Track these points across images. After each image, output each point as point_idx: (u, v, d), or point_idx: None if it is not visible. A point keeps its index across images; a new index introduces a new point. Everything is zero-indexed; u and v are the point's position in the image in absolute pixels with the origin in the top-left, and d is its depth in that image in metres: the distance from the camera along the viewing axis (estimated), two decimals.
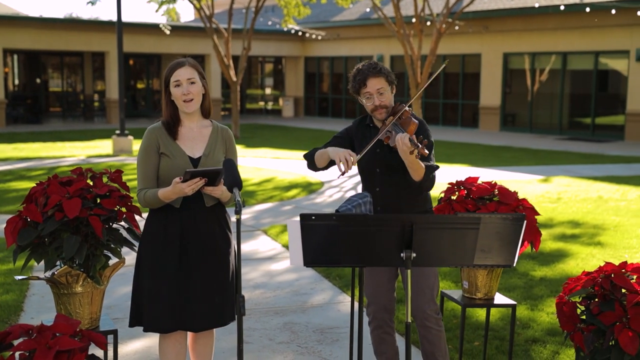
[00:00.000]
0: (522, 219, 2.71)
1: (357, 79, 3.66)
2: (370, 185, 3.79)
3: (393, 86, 3.72)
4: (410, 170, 3.46)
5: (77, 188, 3.52)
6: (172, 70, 3.44)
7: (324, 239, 2.83)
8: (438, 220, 2.77)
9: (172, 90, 3.43)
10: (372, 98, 3.64)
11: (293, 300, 5.81)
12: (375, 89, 3.62)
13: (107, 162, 14.79)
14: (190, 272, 3.41)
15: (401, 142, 3.30)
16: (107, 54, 25.51)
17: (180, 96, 3.41)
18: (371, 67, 3.64)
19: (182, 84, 3.41)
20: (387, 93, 3.66)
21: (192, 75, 3.43)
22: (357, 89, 3.69)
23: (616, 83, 21.15)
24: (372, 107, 3.67)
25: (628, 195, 10.93)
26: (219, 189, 3.34)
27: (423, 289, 3.66)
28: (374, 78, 3.62)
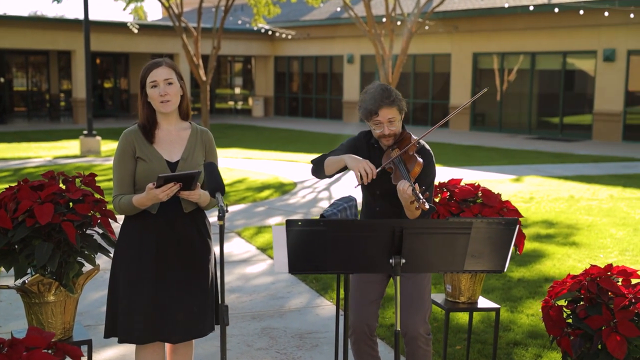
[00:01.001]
0: (514, 223, 2.64)
1: (369, 107, 3.56)
2: (370, 203, 3.72)
3: (403, 113, 3.63)
4: (406, 211, 3.40)
5: (49, 193, 3.37)
6: (149, 71, 3.31)
7: (311, 245, 2.73)
8: (428, 225, 2.69)
9: (149, 91, 3.30)
10: (382, 126, 3.55)
11: (270, 305, 5.70)
12: (386, 119, 3.54)
13: (75, 163, 14.52)
14: (168, 281, 3.28)
15: (402, 191, 3.24)
16: (73, 53, 25.10)
17: (157, 97, 3.28)
18: (385, 96, 3.54)
19: (159, 84, 3.28)
20: (397, 122, 3.58)
21: (170, 76, 3.31)
22: (367, 116, 3.59)
23: (584, 83, 21.37)
24: (380, 135, 3.58)
25: (599, 195, 11.01)
26: (196, 193, 3.22)
27: (418, 308, 3.55)
28: (387, 108, 3.53)
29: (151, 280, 3.25)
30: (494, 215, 3.91)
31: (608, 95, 20.09)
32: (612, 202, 10.37)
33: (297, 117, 29.34)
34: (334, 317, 5.39)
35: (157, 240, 3.26)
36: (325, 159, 3.71)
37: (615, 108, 19.97)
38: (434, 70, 24.48)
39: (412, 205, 3.26)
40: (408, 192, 3.22)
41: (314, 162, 3.81)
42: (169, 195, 3.11)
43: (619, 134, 19.98)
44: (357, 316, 3.61)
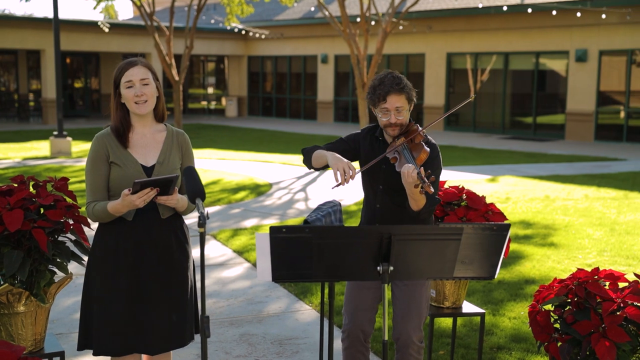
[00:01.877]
0: (506, 229, 2.56)
1: (377, 92, 3.42)
2: (371, 200, 3.58)
3: (412, 104, 3.50)
4: (410, 200, 3.27)
5: (19, 198, 3.22)
6: (123, 70, 3.17)
7: (295, 253, 2.63)
8: (418, 232, 2.60)
9: (124, 91, 3.15)
10: (389, 115, 3.42)
11: (248, 310, 5.58)
12: (394, 106, 3.40)
13: (45, 165, 14.24)
14: (145, 290, 3.14)
15: (407, 174, 3.11)
16: (42, 52, 24.70)
17: (132, 98, 3.14)
18: (394, 82, 3.41)
19: (135, 84, 3.14)
20: (405, 111, 3.44)
21: (146, 76, 3.17)
22: (374, 102, 3.46)
23: (556, 83, 21.51)
24: (387, 123, 3.45)
25: (574, 195, 11.04)
26: (174, 197, 3.09)
27: (412, 314, 3.45)
28: (396, 95, 3.40)
29: (128, 289, 3.11)
30: (479, 219, 3.84)
31: (580, 95, 20.23)
32: (587, 202, 10.40)
33: (270, 117, 29.19)
34: (313, 322, 5.29)
35: (134, 247, 3.12)
36: (315, 150, 3.56)
37: (588, 108, 20.12)
38: (408, 70, 24.48)
39: (417, 190, 3.14)
40: (413, 174, 3.11)
41: (303, 152, 3.68)
42: (145, 201, 2.98)
43: (591, 134, 20.14)
44: (352, 321, 3.50)
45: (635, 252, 7.26)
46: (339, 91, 26.61)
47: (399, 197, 3.39)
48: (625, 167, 14.65)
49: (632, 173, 13.65)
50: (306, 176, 13.20)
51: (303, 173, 13.60)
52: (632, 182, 12.49)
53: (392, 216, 3.49)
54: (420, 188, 3.09)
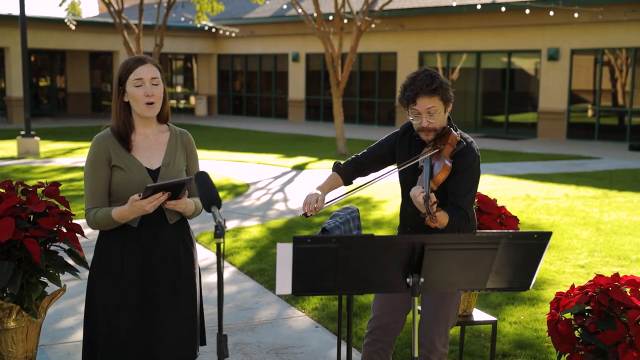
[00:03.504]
0: (547, 237, 2.40)
1: (407, 94, 3.17)
2: (405, 203, 3.37)
3: (449, 104, 3.24)
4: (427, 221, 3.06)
5: (9, 205, 2.97)
6: (132, 68, 2.94)
7: (319, 264, 2.43)
8: (452, 241, 2.42)
9: (131, 90, 2.92)
10: (420, 117, 3.17)
11: (239, 317, 5.37)
12: (425, 109, 3.15)
13: (13, 165, 13.81)
14: (154, 301, 2.93)
15: (412, 198, 2.94)
16: (7, 50, 24.09)
17: (141, 97, 2.91)
18: (426, 82, 3.14)
19: (145, 83, 2.92)
20: (439, 114, 3.18)
21: (156, 75, 2.95)
22: (404, 104, 3.22)
23: (529, 82, 21.59)
24: (419, 127, 3.21)
25: (554, 193, 11.00)
26: (183, 201, 2.89)
27: (440, 320, 3.27)
28: (426, 97, 3.13)
29: (136, 301, 2.90)
30: (493, 223, 3.69)
31: (552, 94, 20.32)
32: (568, 200, 10.36)
33: (241, 116, 28.89)
34: (308, 329, 5.10)
35: (142, 255, 2.90)
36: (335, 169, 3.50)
37: (560, 106, 20.22)
38: (380, 68, 24.39)
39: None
40: (419, 200, 2.94)
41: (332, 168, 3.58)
42: (155, 207, 2.77)
43: (563, 132, 20.24)
44: (378, 319, 3.30)
45: (626, 252, 7.20)
46: (311, 90, 26.42)
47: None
48: (600, 165, 14.71)
49: (608, 171, 13.69)
50: (283, 176, 13.00)
51: (279, 173, 13.40)
52: (609, 180, 12.52)
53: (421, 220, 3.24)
54: (426, 217, 2.92)
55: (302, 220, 8.89)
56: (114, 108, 2.99)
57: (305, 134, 21.68)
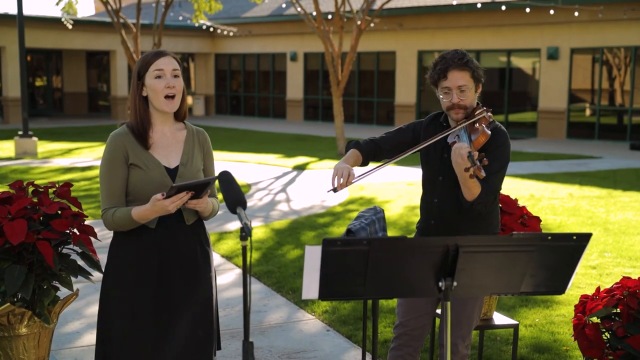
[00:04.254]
0: (586, 239, 2.30)
1: (438, 68, 3.08)
2: (429, 194, 3.25)
3: (479, 84, 3.15)
4: (463, 188, 2.96)
5: (21, 207, 2.87)
6: (152, 61, 2.84)
7: (348, 268, 2.33)
8: (488, 243, 2.32)
9: (151, 82, 2.82)
10: (451, 94, 3.07)
11: None
12: (456, 85, 3.06)
13: (11, 166, 13.68)
14: (171, 306, 2.83)
15: (456, 154, 2.82)
16: (3, 49, 23.92)
17: (162, 90, 2.81)
18: (456, 57, 3.07)
19: (166, 75, 2.82)
20: (470, 91, 3.09)
21: (177, 67, 2.86)
22: (434, 81, 3.12)
23: (528, 81, 21.53)
24: (449, 105, 3.10)
25: (558, 193, 10.93)
26: (204, 201, 2.81)
27: (461, 320, 3.18)
28: (458, 71, 3.05)
29: (152, 305, 2.80)
30: (515, 224, 3.59)
31: (552, 93, 20.26)
32: (573, 200, 10.28)
33: (239, 116, 28.76)
34: (319, 333, 5.00)
35: (159, 258, 2.81)
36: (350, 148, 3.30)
37: (560, 106, 20.15)
38: (378, 68, 24.30)
39: (467, 174, 2.84)
40: (462, 152, 2.81)
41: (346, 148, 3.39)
42: (178, 207, 2.68)
43: (563, 132, 20.18)
44: (404, 324, 3.20)
45: (637, 252, 7.12)
46: (309, 89, 26.32)
47: (460, 191, 3.08)
48: (602, 165, 14.64)
49: (611, 171, 13.62)
50: (284, 176, 12.90)
51: (280, 173, 13.30)
52: (612, 180, 12.45)
53: (451, 212, 3.18)
54: (471, 172, 2.80)
55: (306, 221, 8.79)
56: (131, 104, 2.88)
57: (304, 133, 21.58)
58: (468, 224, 3.15)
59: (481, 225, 3.19)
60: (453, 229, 3.16)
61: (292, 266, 6.66)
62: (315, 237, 7.91)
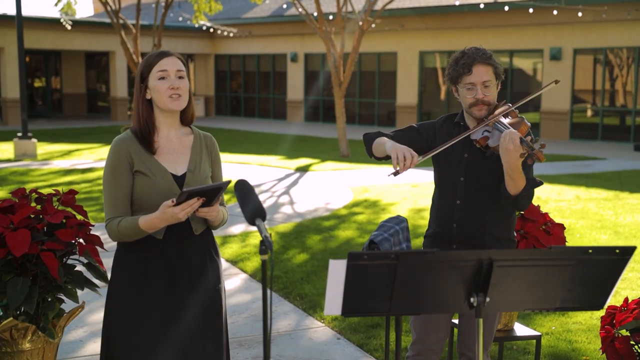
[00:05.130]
0: (630, 252, 2.16)
1: (462, 62, 2.97)
2: (449, 196, 3.10)
3: (499, 82, 3.06)
4: (509, 180, 2.82)
5: (24, 216, 2.73)
6: (155, 62, 2.70)
7: (374, 283, 2.20)
8: (524, 256, 2.18)
9: (155, 83, 2.69)
10: (475, 90, 2.96)
11: (255, 328, 5.12)
12: (481, 80, 2.95)
13: (10, 168, 13.53)
14: (179, 320, 2.69)
15: (509, 140, 2.69)
16: (1, 50, 23.76)
17: (165, 90, 2.68)
18: (480, 52, 2.98)
19: (170, 75, 2.69)
20: (493, 87, 3.01)
21: (182, 68, 2.73)
22: (457, 76, 3.00)
23: (531, 82, 21.39)
24: (473, 101, 2.98)
25: (564, 195, 10.79)
26: (215, 209, 2.67)
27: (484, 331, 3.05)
28: (483, 66, 2.96)
29: (160, 319, 2.66)
30: (539, 232, 3.45)
31: (555, 94, 20.12)
32: (580, 203, 10.15)
33: (239, 117, 28.62)
34: (329, 341, 4.86)
35: (167, 270, 2.68)
36: (377, 137, 3.12)
37: (562, 107, 20.03)
38: (379, 68, 24.16)
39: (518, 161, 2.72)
40: (515, 139, 2.69)
41: (365, 138, 3.22)
42: (189, 214, 2.54)
43: (566, 133, 20.05)
44: (421, 340, 3.05)
45: None
46: (309, 90, 26.17)
47: (484, 192, 2.96)
48: (607, 166, 14.51)
49: (616, 172, 13.50)
50: (287, 178, 12.76)
51: (283, 175, 13.15)
52: (618, 181, 12.32)
53: (475, 214, 3.06)
54: (528, 156, 2.68)
55: (311, 224, 8.65)
56: (135, 107, 2.75)
57: (305, 134, 21.44)
58: (493, 225, 3.04)
59: (504, 225, 3.07)
60: (477, 232, 3.05)
61: (299, 271, 6.52)
62: (321, 241, 7.77)
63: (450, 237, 3.07)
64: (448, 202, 3.09)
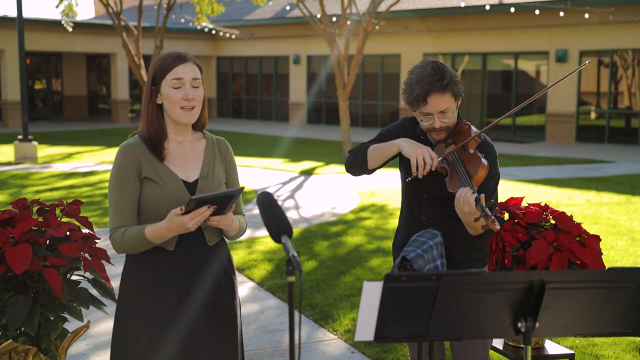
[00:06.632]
0: None
1: (416, 93, 2.75)
2: (415, 212, 2.93)
3: (459, 99, 2.85)
4: (467, 227, 2.67)
5: (25, 229, 2.52)
6: (170, 66, 2.51)
7: (412, 306, 1.99)
8: (579, 278, 1.98)
9: (168, 91, 2.49)
10: (432, 118, 2.77)
11: (265, 340, 4.91)
12: (437, 110, 2.75)
13: (10, 171, 13.32)
14: (193, 338, 2.51)
15: (463, 202, 2.53)
16: (2, 52, 23.57)
17: (179, 101, 2.49)
18: (436, 78, 2.73)
19: (185, 84, 2.49)
20: (451, 112, 2.81)
21: (198, 76, 2.53)
22: (412, 104, 2.81)
23: (536, 84, 21.19)
24: (429, 128, 2.81)
25: (575, 199, 10.59)
26: (229, 217, 2.48)
27: (477, 346, 2.88)
28: (439, 95, 2.74)
29: (172, 338, 2.47)
30: (573, 244, 3.23)
31: (561, 96, 19.92)
32: (592, 207, 9.94)
33: (241, 119, 28.42)
34: (344, 355, 4.65)
35: (179, 284, 2.48)
36: (368, 147, 2.92)
37: (568, 109, 19.82)
38: (383, 71, 23.96)
39: (476, 223, 2.58)
40: (471, 204, 2.52)
41: (353, 153, 3.00)
42: (199, 223, 2.35)
43: (572, 135, 19.84)
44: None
45: None
46: (312, 92, 25.98)
47: (449, 208, 2.77)
48: (615, 169, 14.30)
49: (626, 176, 13.29)
50: (291, 182, 12.56)
51: (287, 178, 12.95)
52: (629, 185, 12.11)
53: (443, 229, 2.87)
54: (483, 222, 2.53)
55: (318, 229, 8.45)
56: (144, 111, 2.55)
57: (308, 137, 21.24)
58: (460, 239, 2.85)
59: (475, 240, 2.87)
60: (446, 246, 2.87)
61: (308, 279, 6.31)
62: (329, 247, 7.56)
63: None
64: (414, 217, 2.94)
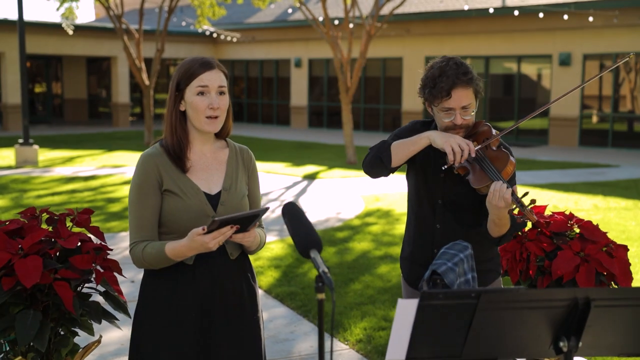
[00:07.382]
0: None
1: (440, 86, 2.63)
2: (427, 219, 2.80)
3: (479, 98, 2.76)
4: (492, 225, 2.56)
5: (35, 241, 2.41)
6: (196, 73, 2.41)
7: (447, 325, 1.88)
8: (627, 295, 1.87)
9: (193, 99, 2.40)
10: (453, 114, 2.66)
11: (275, 351, 4.79)
12: (460, 105, 2.65)
13: (11, 175, 13.20)
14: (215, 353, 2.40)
15: (499, 198, 2.42)
16: (2, 55, 23.48)
17: (204, 109, 2.39)
18: (461, 71, 2.64)
19: (211, 92, 2.39)
20: (472, 110, 2.72)
21: (224, 84, 2.44)
22: (434, 99, 2.69)
23: (540, 87, 21.09)
24: (449, 125, 2.69)
25: (582, 204, 10.48)
26: (252, 234, 2.38)
27: None
28: (463, 89, 2.64)
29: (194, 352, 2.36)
30: (601, 254, 3.12)
31: (564, 100, 19.80)
32: (600, 212, 9.83)
33: (241, 123, 28.31)
34: None
35: (199, 299, 2.38)
36: (389, 144, 2.77)
37: (572, 113, 19.73)
38: (385, 74, 23.87)
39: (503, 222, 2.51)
40: (507, 198, 2.42)
41: (375, 150, 2.83)
42: (220, 243, 2.24)
43: (575, 139, 19.75)
44: None
45: None
46: (313, 96, 25.88)
47: (464, 214, 2.67)
48: (621, 174, 14.20)
49: (632, 180, 13.19)
50: (295, 186, 12.45)
51: (291, 183, 12.84)
52: (635, 190, 12.01)
53: (458, 237, 2.76)
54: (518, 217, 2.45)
55: (324, 235, 8.34)
56: (167, 119, 2.45)
57: (310, 141, 21.14)
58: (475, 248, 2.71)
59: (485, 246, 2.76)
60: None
61: None
62: (336, 254, 7.45)
63: (430, 261, 2.78)
64: (427, 226, 2.80)
